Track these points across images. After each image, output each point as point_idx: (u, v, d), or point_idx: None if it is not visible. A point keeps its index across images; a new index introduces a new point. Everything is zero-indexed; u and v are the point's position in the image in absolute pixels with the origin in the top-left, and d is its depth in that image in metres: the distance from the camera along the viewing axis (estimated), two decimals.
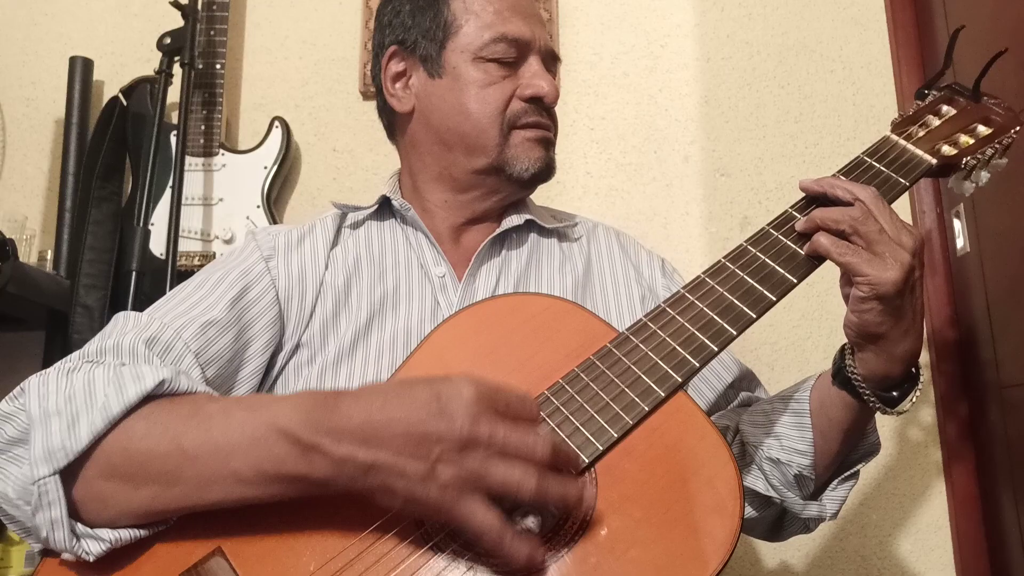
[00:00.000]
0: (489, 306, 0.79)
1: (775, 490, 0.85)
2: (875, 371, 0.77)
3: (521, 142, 0.94)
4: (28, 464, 0.61)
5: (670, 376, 0.70)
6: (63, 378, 0.67)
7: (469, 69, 0.94)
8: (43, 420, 0.63)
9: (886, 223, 0.74)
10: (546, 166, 0.96)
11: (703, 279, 0.77)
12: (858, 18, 1.61)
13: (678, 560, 0.62)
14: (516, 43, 0.94)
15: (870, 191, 0.76)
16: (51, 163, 1.69)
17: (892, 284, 0.71)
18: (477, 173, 0.95)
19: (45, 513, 0.61)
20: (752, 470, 0.87)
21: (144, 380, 0.65)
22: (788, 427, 0.84)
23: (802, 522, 0.87)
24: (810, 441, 0.82)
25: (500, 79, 0.94)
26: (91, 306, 1.44)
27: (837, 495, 0.85)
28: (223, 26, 1.59)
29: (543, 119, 0.96)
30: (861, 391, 0.78)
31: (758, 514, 0.88)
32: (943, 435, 1.43)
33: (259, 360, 0.84)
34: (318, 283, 0.90)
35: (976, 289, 1.35)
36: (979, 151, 0.85)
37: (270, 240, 0.92)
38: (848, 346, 0.79)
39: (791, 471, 0.83)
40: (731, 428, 0.92)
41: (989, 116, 0.88)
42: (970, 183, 0.87)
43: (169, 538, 0.64)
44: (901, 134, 0.87)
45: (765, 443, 0.85)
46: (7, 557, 1.33)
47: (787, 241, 0.78)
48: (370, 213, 0.98)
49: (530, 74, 0.95)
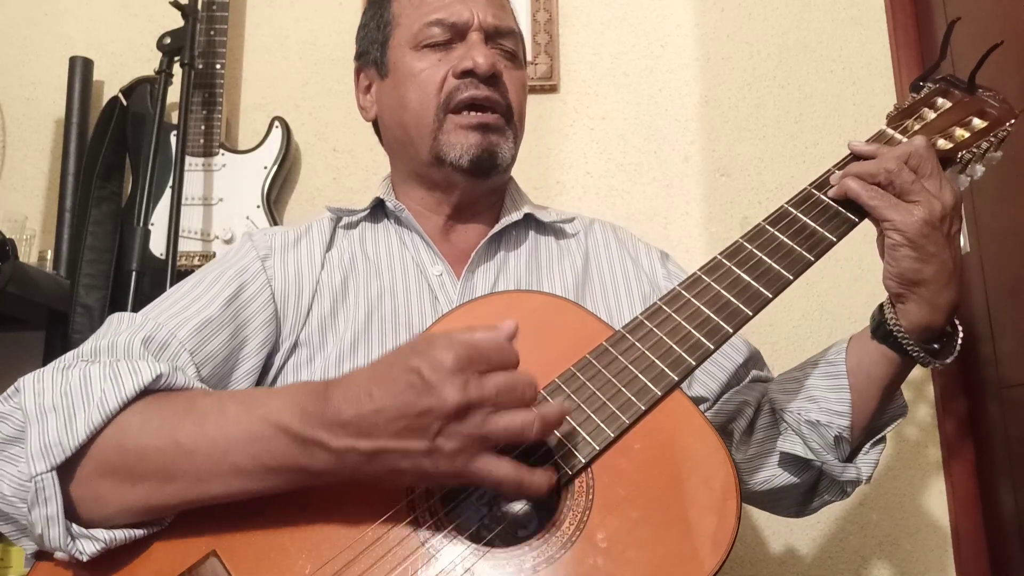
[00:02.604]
0: (484, 303, 0.78)
1: (815, 453, 0.85)
2: (918, 322, 0.79)
3: (453, 128, 0.91)
4: (24, 462, 0.61)
5: (666, 374, 0.70)
6: (59, 375, 0.66)
7: (407, 60, 0.94)
8: (39, 417, 0.63)
9: (926, 176, 0.77)
10: (484, 152, 0.91)
11: (699, 276, 0.77)
12: (858, 18, 1.61)
13: (675, 560, 0.62)
14: (451, 27, 0.92)
15: (920, 142, 0.78)
16: (51, 163, 1.69)
17: (916, 229, 0.74)
18: (427, 166, 0.95)
19: (41, 510, 0.60)
20: (790, 435, 0.88)
21: (141, 374, 0.65)
22: (825, 390, 0.86)
23: (839, 486, 0.88)
24: (848, 402, 0.84)
25: (435, 63, 0.92)
26: (91, 306, 1.44)
27: (870, 458, 0.87)
28: (223, 26, 1.59)
29: (479, 92, 0.91)
30: (905, 343, 0.80)
31: (797, 479, 0.89)
32: (943, 435, 1.43)
33: (254, 359, 0.84)
34: (314, 282, 0.90)
35: (976, 289, 1.35)
36: (974, 144, 0.85)
37: (266, 240, 0.92)
38: (888, 301, 0.81)
39: (831, 432, 0.84)
40: (751, 403, 0.93)
41: (984, 109, 0.87)
42: (965, 177, 0.87)
43: (164, 541, 0.64)
44: (897, 127, 0.87)
45: (802, 407, 0.86)
46: (7, 557, 1.33)
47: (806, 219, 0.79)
48: (364, 215, 0.98)
49: (465, 49, 0.92)
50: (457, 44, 0.93)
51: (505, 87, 0.94)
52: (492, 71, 0.91)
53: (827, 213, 0.79)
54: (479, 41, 0.92)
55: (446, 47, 0.93)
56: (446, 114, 0.91)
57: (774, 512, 0.97)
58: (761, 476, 0.90)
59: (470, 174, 0.92)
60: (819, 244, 0.78)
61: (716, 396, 0.96)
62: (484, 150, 0.91)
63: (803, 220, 0.79)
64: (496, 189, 1.00)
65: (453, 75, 0.91)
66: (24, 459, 0.62)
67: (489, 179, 0.95)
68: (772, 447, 0.90)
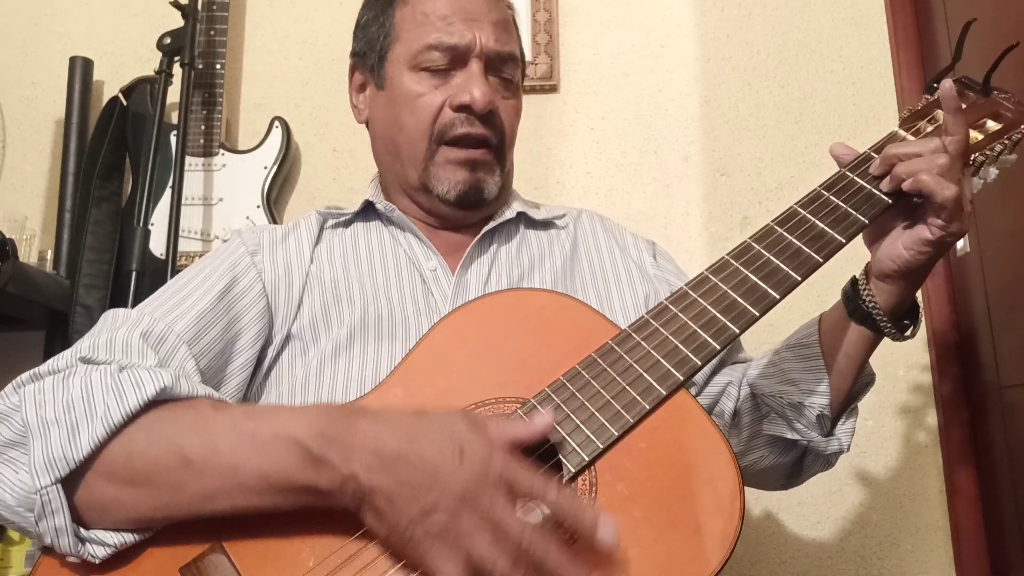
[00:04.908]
0: (489, 302, 0.78)
1: (799, 432, 0.89)
2: (897, 302, 0.82)
3: (444, 162, 0.91)
4: (26, 470, 0.61)
5: (671, 374, 0.70)
6: (59, 384, 0.65)
7: (404, 79, 0.93)
8: (42, 429, 0.62)
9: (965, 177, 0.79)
10: (471, 189, 0.92)
11: (706, 275, 0.77)
12: (858, 18, 1.61)
13: (678, 560, 0.62)
14: (451, 50, 0.90)
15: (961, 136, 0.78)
16: (51, 163, 1.69)
17: (961, 235, 0.78)
18: (415, 190, 0.95)
19: (49, 521, 0.61)
20: (774, 418, 0.91)
21: (144, 388, 0.64)
22: (803, 372, 0.89)
23: (824, 458, 0.92)
24: (827, 382, 0.87)
25: (432, 89, 0.91)
26: (91, 306, 1.44)
27: (847, 428, 0.90)
28: (223, 26, 1.59)
29: (474, 130, 0.90)
30: (882, 324, 0.83)
31: (783, 459, 0.93)
32: (943, 435, 1.43)
33: (249, 353, 0.84)
34: (303, 275, 0.90)
35: (976, 289, 1.35)
36: (988, 147, 0.84)
37: (255, 237, 0.93)
38: (861, 277, 0.85)
39: (813, 412, 0.87)
40: (734, 383, 0.97)
41: (999, 111, 0.86)
42: (978, 179, 0.87)
43: (169, 533, 0.64)
44: (909, 129, 0.86)
45: (783, 390, 0.89)
46: (7, 557, 1.33)
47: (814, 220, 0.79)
48: (353, 216, 0.98)
49: (463, 80, 0.91)
50: (457, 71, 0.91)
51: (500, 119, 0.93)
52: (489, 108, 0.90)
53: (836, 214, 0.79)
54: (478, 72, 0.90)
55: (445, 74, 0.92)
56: (439, 145, 0.91)
57: (763, 488, 1.02)
58: (750, 458, 0.94)
59: (456, 207, 0.93)
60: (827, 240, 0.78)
61: (705, 380, 0.97)
62: (471, 186, 0.92)
63: (811, 220, 0.79)
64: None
65: (450, 107, 0.90)
66: (25, 466, 0.61)
67: (475, 211, 0.96)
68: (759, 429, 0.93)
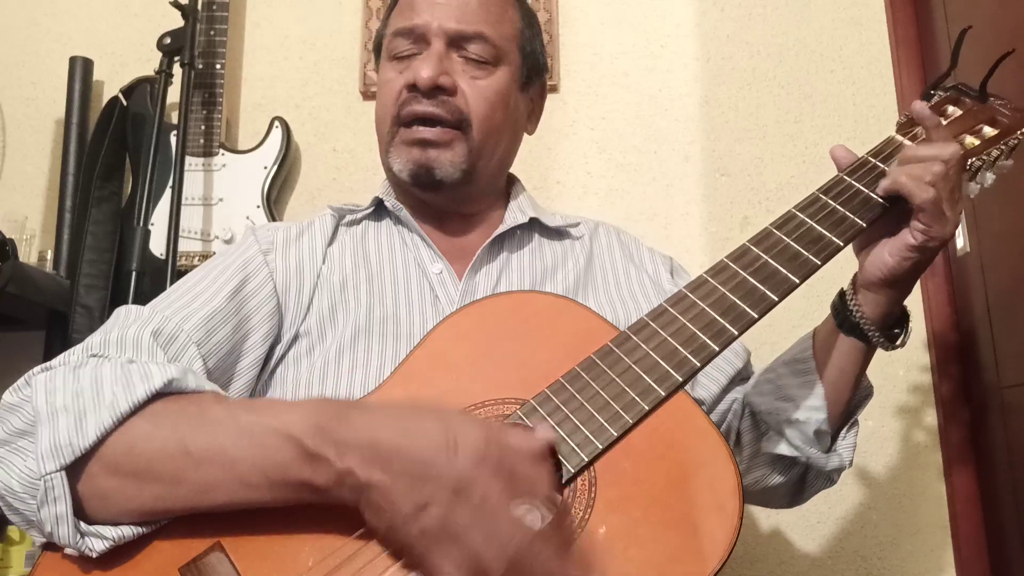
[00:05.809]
0: (490, 304, 0.79)
1: (799, 449, 0.88)
2: (885, 312, 0.82)
3: (399, 143, 0.92)
4: (33, 457, 0.62)
5: (670, 375, 0.70)
6: (70, 374, 0.67)
7: (381, 70, 0.97)
8: (50, 416, 0.63)
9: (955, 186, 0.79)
10: (420, 168, 0.91)
11: (705, 279, 0.77)
12: (858, 18, 1.61)
13: (677, 559, 0.62)
14: (410, 32, 0.92)
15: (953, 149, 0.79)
16: (51, 163, 1.69)
17: (944, 241, 0.78)
18: (390, 175, 0.97)
19: (51, 508, 0.61)
20: (773, 436, 0.91)
21: (152, 379, 0.65)
22: (799, 387, 0.88)
23: (826, 475, 0.91)
24: (823, 396, 0.86)
25: (397, 74, 0.93)
26: (91, 306, 1.44)
27: (848, 443, 0.90)
28: (223, 26, 1.59)
29: (420, 108, 0.90)
30: (871, 333, 0.83)
31: (784, 478, 0.92)
32: (943, 435, 1.43)
33: (258, 352, 0.85)
34: (315, 275, 0.90)
35: (976, 289, 1.35)
36: (984, 152, 0.84)
37: (268, 235, 0.93)
38: (849, 289, 0.85)
39: (811, 428, 0.87)
40: (739, 400, 0.96)
41: (995, 117, 0.86)
42: (975, 184, 0.87)
43: (169, 533, 0.64)
44: (906, 135, 0.86)
45: (780, 407, 0.89)
46: (7, 557, 1.33)
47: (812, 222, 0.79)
48: (367, 214, 0.99)
49: (417, 60, 0.92)
50: (420, 55, 0.92)
51: (462, 98, 0.91)
52: (432, 84, 0.89)
53: (834, 217, 0.79)
54: (436, 51, 0.90)
55: (410, 58, 0.93)
56: (398, 127, 0.92)
57: (767, 506, 1.02)
58: (752, 477, 0.94)
59: (417, 187, 0.94)
60: (824, 243, 0.78)
61: (716, 398, 0.97)
62: (420, 166, 0.91)
63: (809, 223, 0.79)
64: (484, 194, 0.99)
65: (405, 87, 0.91)
66: (33, 454, 0.62)
67: (440, 192, 0.94)
68: (758, 448, 0.93)
